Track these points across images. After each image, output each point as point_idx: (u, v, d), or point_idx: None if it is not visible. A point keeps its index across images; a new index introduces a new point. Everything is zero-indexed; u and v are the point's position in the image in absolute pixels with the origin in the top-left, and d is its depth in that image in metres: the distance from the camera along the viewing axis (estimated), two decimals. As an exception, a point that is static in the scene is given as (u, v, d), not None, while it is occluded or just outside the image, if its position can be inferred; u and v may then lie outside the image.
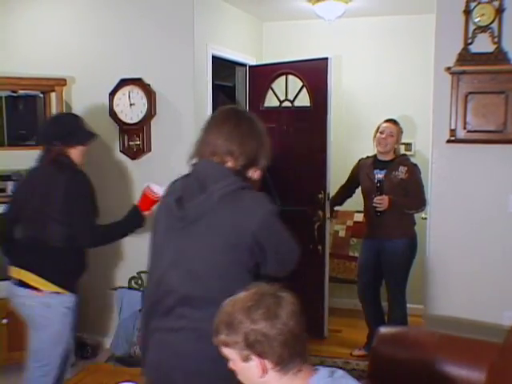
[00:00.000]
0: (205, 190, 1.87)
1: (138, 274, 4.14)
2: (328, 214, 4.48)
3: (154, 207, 2.88)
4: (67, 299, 2.87)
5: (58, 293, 2.83)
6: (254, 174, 2.02)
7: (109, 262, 4.34)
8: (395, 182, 3.98)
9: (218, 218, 1.86)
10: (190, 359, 1.88)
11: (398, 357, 2.56)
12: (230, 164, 1.94)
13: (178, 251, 1.92)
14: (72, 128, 2.97)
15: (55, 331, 2.85)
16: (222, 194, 1.85)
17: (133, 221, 3.05)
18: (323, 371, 1.58)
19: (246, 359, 1.53)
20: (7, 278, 3.39)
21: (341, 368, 1.63)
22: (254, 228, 1.85)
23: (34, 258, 2.85)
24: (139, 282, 4.17)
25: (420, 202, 3.90)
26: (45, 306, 2.82)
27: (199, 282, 1.88)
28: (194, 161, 2.02)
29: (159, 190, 2.86)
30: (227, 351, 1.56)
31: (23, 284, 2.85)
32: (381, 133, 4.08)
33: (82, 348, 4.25)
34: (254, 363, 1.52)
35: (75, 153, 2.94)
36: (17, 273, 2.89)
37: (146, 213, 3.00)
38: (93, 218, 2.90)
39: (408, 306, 4.18)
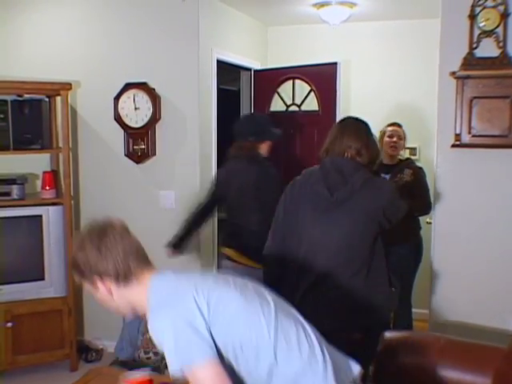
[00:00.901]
0: (347, 180, 2.56)
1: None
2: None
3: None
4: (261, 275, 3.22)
5: (254, 268, 3.16)
6: None
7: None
8: (400, 185, 3.96)
9: (360, 200, 2.55)
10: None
11: (402, 361, 2.55)
12: (358, 160, 2.63)
13: (329, 226, 2.56)
14: (265, 126, 3.47)
15: None
16: (361, 182, 2.55)
17: None
18: (167, 273, 1.79)
19: (94, 286, 1.76)
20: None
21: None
22: (385, 204, 2.60)
23: (236, 240, 3.45)
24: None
25: (425, 205, 3.88)
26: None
27: (349, 249, 2.55)
28: (325, 156, 2.71)
29: None
30: (86, 287, 1.80)
31: (230, 259, 3.45)
32: (389, 137, 4.08)
33: (86, 352, 4.26)
34: (100, 286, 1.74)
35: (264, 147, 3.43)
36: (226, 250, 3.50)
37: None
38: None
39: (413, 310, 4.17)
